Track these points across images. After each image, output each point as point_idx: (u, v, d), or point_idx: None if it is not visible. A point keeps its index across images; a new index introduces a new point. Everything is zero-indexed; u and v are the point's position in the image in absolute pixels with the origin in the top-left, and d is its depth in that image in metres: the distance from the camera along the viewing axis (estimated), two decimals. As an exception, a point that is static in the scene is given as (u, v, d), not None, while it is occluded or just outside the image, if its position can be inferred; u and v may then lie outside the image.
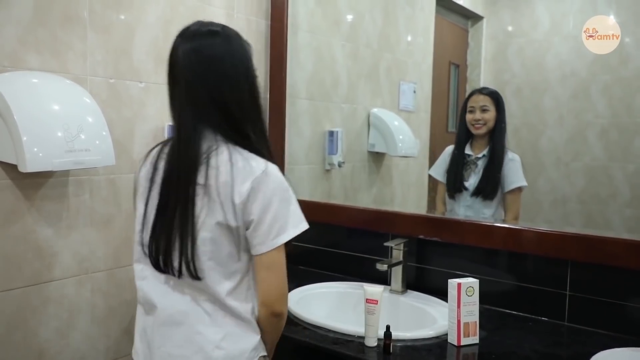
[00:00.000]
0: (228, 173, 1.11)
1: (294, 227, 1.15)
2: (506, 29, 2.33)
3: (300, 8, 2.24)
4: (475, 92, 2.01)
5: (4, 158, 1.40)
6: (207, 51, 1.13)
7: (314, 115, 2.35)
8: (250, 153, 1.14)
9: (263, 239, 1.13)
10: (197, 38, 1.15)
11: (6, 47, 1.42)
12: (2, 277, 1.46)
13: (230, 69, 1.14)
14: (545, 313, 1.60)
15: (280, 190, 1.13)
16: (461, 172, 1.99)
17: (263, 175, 1.12)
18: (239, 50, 1.17)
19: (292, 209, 1.15)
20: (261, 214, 1.12)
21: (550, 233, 1.59)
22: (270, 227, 1.12)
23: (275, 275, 1.16)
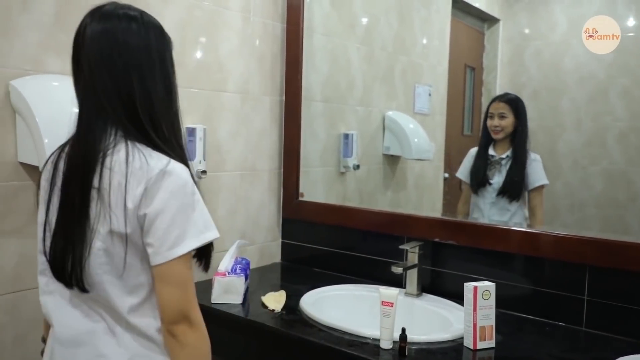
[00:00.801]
0: (122, 174, 0.98)
1: (194, 237, 0.99)
2: (523, 32, 2.31)
3: (315, 11, 2.25)
4: (496, 99, 2.08)
5: (26, 160, 1.43)
6: (120, 35, 1.01)
7: (329, 117, 2.36)
8: (154, 151, 1.01)
9: (157, 249, 0.98)
10: (111, 19, 1.02)
11: (29, 51, 1.45)
12: (23, 276, 1.49)
13: (143, 57, 1.02)
14: (562, 318, 1.59)
15: (181, 194, 0.99)
16: (484, 169, 2.05)
17: (160, 175, 0.98)
18: (156, 39, 1.05)
19: (195, 216, 1.00)
20: (155, 220, 0.98)
21: (568, 237, 1.58)
22: (166, 235, 0.98)
23: (173, 291, 1.00)
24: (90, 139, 1.00)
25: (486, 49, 2.37)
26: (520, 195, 1.98)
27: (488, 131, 2.04)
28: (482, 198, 2.04)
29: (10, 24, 1.42)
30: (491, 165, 2.03)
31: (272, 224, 2.25)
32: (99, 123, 1.01)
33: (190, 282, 1.02)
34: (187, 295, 1.01)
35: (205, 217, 1.02)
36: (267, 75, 2.17)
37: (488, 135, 2.04)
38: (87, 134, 1.01)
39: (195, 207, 1.01)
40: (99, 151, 0.99)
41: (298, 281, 1.95)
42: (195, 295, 1.03)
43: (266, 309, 1.66)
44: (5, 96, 1.42)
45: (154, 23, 1.06)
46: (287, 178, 2.24)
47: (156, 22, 1.07)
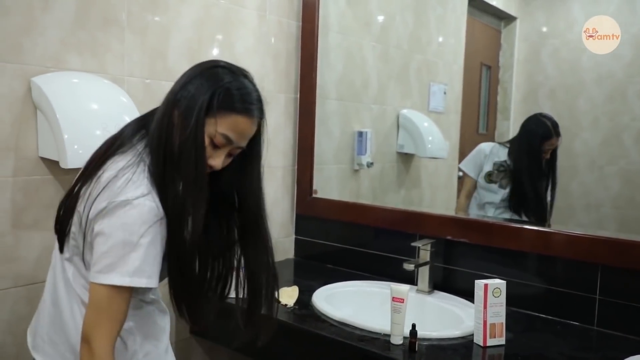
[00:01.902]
0: (103, 183, 1.02)
1: (120, 275, 0.98)
2: (540, 30, 2.29)
3: (331, 9, 2.26)
4: (552, 136, 2.01)
5: (47, 154, 1.47)
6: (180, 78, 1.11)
7: (343, 115, 2.37)
8: (145, 178, 1.02)
9: (92, 266, 1.01)
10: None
11: (49, 48, 1.49)
12: (44, 268, 1.52)
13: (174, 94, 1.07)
14: (574, 317, 1.58)
15: (131, 230, 0.98)
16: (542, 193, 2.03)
17: (124, 202, 0.98)
18: (194, 85, 1.06)
19: (132, 256, 0.98)
20: (98, 240, 1.00)
21: (581, 236, 1.58)
22: (100, 259, 0.99)
23: (89, 311, 1.00)
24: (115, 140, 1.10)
25: (503, 47, 2.36)
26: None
27: (539, 162, 2.01)
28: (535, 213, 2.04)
29: (33, 22, 1.45)
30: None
31: (285, 220, 2.27)
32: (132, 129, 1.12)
33: (107, 312, 0.99)
34: (97, 322, 0.99)
35: (142, 264, 0.99)
36: (282, 72, 2.19)
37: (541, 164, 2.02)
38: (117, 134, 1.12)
39: (136, 249, 0.98)
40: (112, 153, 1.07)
41: (311, 277, 1.97)
42: (109, 328, 0.99)
43: (279, 304, 1.68)
44: (26, 92, 1.46)
45: (215, 74, 1.07)
46: (301, 175, 2.26)
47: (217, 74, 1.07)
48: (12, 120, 1.44)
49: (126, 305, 1.02)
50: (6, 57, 1.41)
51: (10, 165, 1.45)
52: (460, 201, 2.16)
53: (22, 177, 1.47)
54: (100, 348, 0.99)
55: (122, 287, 0.99)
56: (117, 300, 1.00)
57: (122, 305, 1.01)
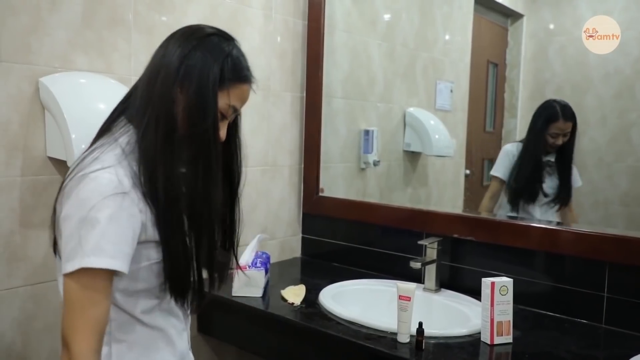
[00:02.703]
0: (70, 169, 0.96)
1: (81, 257, 0.87)
2: (547, 27, 2.29)
3: (337, 8, 2.26)
4: (560, 118, 1.96)
5: (55, 154, 1.48)
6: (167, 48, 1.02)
7: (349, 114, 2.37)
8: (112, 154, 0.95)
9: (62, 256, 0.92)
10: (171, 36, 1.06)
11: (57, 49, 1.50)
12: (52, 267, 1.54)
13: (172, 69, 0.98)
14: (582, 315, 1.58)
15: (88, 206, 0.88)
16: (539, 175, 1.98)
17: (82, 177, 0.90)
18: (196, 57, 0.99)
19: (92, 235, 0.88)
20: (62, 225, 0.92)
21: (588, 234, 1.57)
22: (64, 246, 0.90)
23: (64, 310, 0.90)
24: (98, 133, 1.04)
25: (509, 44, 2.35)
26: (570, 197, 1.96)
27: (544, 144, 1.96)
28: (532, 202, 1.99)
29: (40, 22, 1.46)
30: (543, 170, 1.98)
31: (292, 219, 2.28)
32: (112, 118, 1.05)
33: (79, 306, 0.89)
34: (71, 320, 0.89)
35: (100, 240, 0.88)
36: (288, 71, 2.19)
37: (543, 148, 1.97)
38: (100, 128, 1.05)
39: (94, 225, 0.88)
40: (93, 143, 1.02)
41: (317, 275, 1.98)
42: (85, 327, 0.89)
43: (286, 302, 1.69)
44: (34, 93, 1.47)
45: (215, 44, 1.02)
46: (308, 173, 2.26)
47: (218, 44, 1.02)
48: (20, 121, 1.45)
49: (102, 297, 0.90)
50: (14, 58, 1.42)
51: (19, 165, 1.46)
52: (484, 203, 2.11)
53: (30, 176, 1.48)
54: (79, 353, 0.88)
55: (88, 273, 0.88)
56: (86, 292, 0.88)
57: (94, 297, 0.89)
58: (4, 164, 1.43)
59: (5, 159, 1.43)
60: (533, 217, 1.95)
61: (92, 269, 0.88)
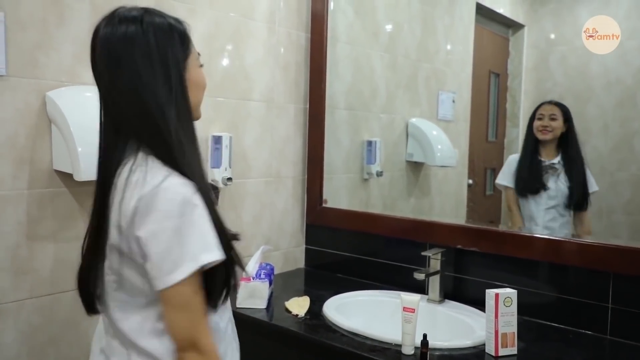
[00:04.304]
0: (121, 190, 0.94)
1: (193, 260, 0.90)
2: (548, 37, 2.30)
3: (339, 20, 2.28)
4: (545, 102, 2.03)
5: (61, 167, 1.50)
6: (119, 43, 0.95)
7: (352, 125, 2.39)
8: (159, 164, 0.94)
9: (156, 274, 0.92)
10: (112, 24, 0.98)
11: (64, 63, 1.52)
12: (58, 279, 1.55)
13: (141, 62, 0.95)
14: (586, 326, 1.58)
15: (176, 213, 0.90)
16: (538, 174, 1.99)
17: (153, 192, 0.90)
18: (157, 40, 0.96)
19: (194, 237, 0.91)
20: (150, 244, 0.91)
21: (592, 244, 1.57)
22: (162, 260, 0.91)
23: (178, 318, 0.94)
24: (108, 160, 0.98)
25: (511, 54, 2.36)
26: (586, 203, 1.94)
27: (534, 134, 1.99)
28: (536, 205, 1.99)
29: (48, 37, 1.49)
30: (543, 171, 1.98)
31: (296, 230, 2.28)
32: (114, 141, 0.98)
33: (197, 307, 0.94)
34: (193, 321, 0.94)
35: (205, 238, 0.92)
36: (291, 83, 2.21)
37: (534, 138, 1.99)
38: (105, 155, 0.99)
39: (193, 227, 0.91)
40: (114, 171, 0.97)
41: (321, 287, 1.98)
42: (202, 320, 0.95)
43: (290, 314, 1.69)
44: (41, 106, 1.48)
45: (156, 23, 0.98)
46: (311, 184, 2.27)
47: (159, 21, 0.98)
48: (27, 134, 1.46)
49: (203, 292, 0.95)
50: (22, 73, 1.44)
51: (26, 177, 1.47)
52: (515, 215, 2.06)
53: (36, 189, 1.49)
54: (208, 345, 0.95)
55: (196, 274, 0.92)
56: (198, 291, 0.94)
57: (201, 294, 0.95)
58: (11, 177, 1.44)
59: (12, 172, 1.44)
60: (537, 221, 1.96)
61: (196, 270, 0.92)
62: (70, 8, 1.52)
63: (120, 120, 0.97)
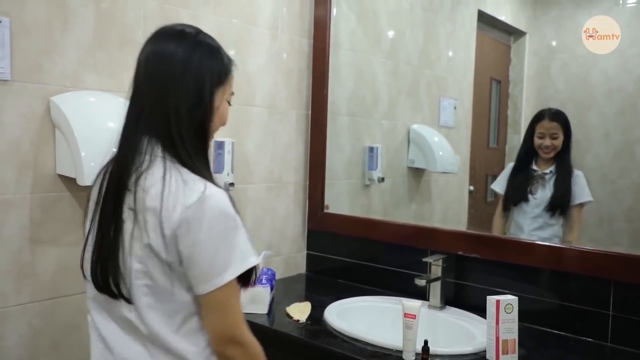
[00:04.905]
0: (157, 197, 0.97)
1: (238, 263, 1.00)
2: (550, 45, 2.31)
3: (341, 27, 2.30)
4: (545, 117, 1.98)
5: (64, 172, 1.50)
6: (164, 54, 1.03)
7: (354, 131, 2.39)
8: (191, 173, 1.00)
9: (203, 279, 0.99)
10: (161, 39, 1.07)
11: (68, 68, 1.53)
12: (60, 283, 1.56)
13: (179, 75, 1.02)
14: (587, 333, 1.57)
15: (222, 221, 0.98)
16: (526, 183, 1.98)
17: (199, 203, 0.97)
18: (201, 58, 1.05)
19: (237, 241, 1.00)
20: (197, 251, 0.97)
21: (593, 252, 1.57)
22: (210, 266, 0.98)
23: (219, 317, 1.02)
24: (126, 157, 1.02)
25: (512, 61, 2.37)
26: (567, 210, 1.93)
27: (533, 148, 1.97)
28: (523, 213, 1.99)
29: (52, 42, 1.50)
30: (533, 180, 1.98)
31: (297, 235, 2.29)
32: (135, 140, 1.03)
33: (236, 304, 1.04)
34: (233, 318, 1.04)
35: (246, 243, 1.02)
36: (293, 89, 2.22)
37: (532, 152, 1.97)
38: (123, 151, 1.03)
39: (237, 233, 1.00)
40: (134, 170, 1.00)
41: (322, 292, 1.98)
42: (242, 316, 1.05)
43: (291, 319, 1.69)
44: (46, 112, 1.49)
45: (207, 42, 1.08)
46: (313, 190, 2.28)
47: (210, 42, 1.09)
48: (31, 139, 1.47)
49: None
50: (27, 78, 1.45)
51: (29, 182, 1.48)
52: (497, 222, 2.08)
53: (40, 193, 1.50)
54: (247, 337, 1.06)
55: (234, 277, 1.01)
56: (235, 289, 1.03)
57: (238, 292, 1.04)
58: (14, 181, 1.45)
59: (16, 177, 1.45)
60: (524, 229, 1.95)
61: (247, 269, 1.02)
62: (74, 14, 1.54)
63: (144, 121, 1.03)
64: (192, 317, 1.05)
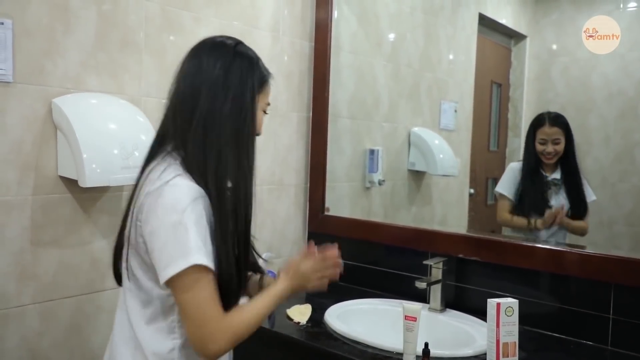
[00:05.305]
0: (141, 184, 1.04)
1: (186, 256, 0.95)
2: (550, 48, 2.31)
3: (343, 30, 2.30)
4: (545, 122, 1.96)
5: (66, 173, 1.51)
6: (203, 63, 1.09)
7: (355, 133, 2.40)
8: (179, 168, 1.02)
9: (158, 267, 0.97)
10: (200, 48, 1.13)
11: (70, 70, 1.53)
12: (61, 285, 1.56)
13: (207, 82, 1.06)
14: (587, 336, 1.58)
15: (177, 210, 0.95)
16: (542, 191, 1.96)
17: (161, 188, 0.97)
18: (240, 69, 1.09)
19: (191, 235, 0.95)
20: (152, 239, 0.97)
21: (593, 255, 1.58)
22: (160, 253, 0.96)
23: (186, 314, 0.97)
24: (150, 154, 1.10)
25: (513, 65, 2.38)
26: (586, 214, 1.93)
27: (536, 155, 1.95)
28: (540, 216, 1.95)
29: (55, 44, 1.50)
30: (547, 187, 1.95)
31: (298, 237, 2.29)
32: (157, 142, 1.10)
33: (197, 303, 0.97)
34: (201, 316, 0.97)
35: (197, 240, 0.96)
36: (294, 92, 2.22)
37: (537, 158, 1.95)
38: (151, 149, 1.11)
39: (189, 227, 0.95)
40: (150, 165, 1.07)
41: (323, 294, 1.96)
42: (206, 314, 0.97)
43: (291, 322, 1.69)
44: (47, 113, 1.50)
45: (246, 53, 1.13)
46: (313, 192, 2.28)
47: (249, 53, 1.14)
48: (33, 141, 1.48)
49: (212, 288, 0.98)
50: (29, 79, 1.46)
51: (31, 183, 1.48)
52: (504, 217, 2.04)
53: (41, 195, 1.50)
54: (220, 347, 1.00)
55: (195, 270, 0.95)
56: (199, 284, 0.96)
57: (208, 288, 0.97)
58: (16, 183, 1.45)
59: (17, 178, 1.45)
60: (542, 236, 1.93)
61: (198, 266, 0.95)
62: (76, 16, 1.54)
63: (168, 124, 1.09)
64: (163, 316, 1.03)
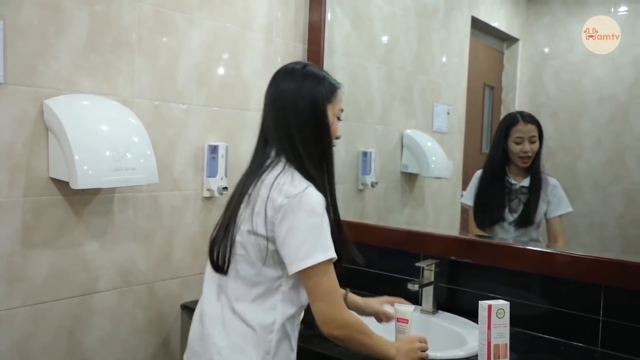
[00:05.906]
0: (268, 187, 1.23)
1: (322, 251, 1.19)
2: (542, 51, 2.33)
3: (336, 32, 2.30)
4: (520, 120, 1.90)
5: (57, 175, 1.50)
6: (281, 86, 1.31)
7: (348, 135, 2.39)
8: (301, 176, 1.24)
9: (290, 260, 1.20)
10: (279, 74, 1.34)
11: (62, 71, 1.53)
12: (52, 287, 1.55)
13: (294, 102, 1.27)
14: (578, 338, 1.58)
15: (311, 216, 1.19)
16: (502, 199, 1.89)
17: (298, 196, 1.19)
18: (310, 87, 1.29)
19: (322, 236, 1.20)
20: (289, 235, 1.19)
21: (584, 257, 1.58)
22: (297, 250, 1.19)
23: (316, 299, 1.22)
24: (255, 162, 1.31)
25: (505, 68, 2.39)
26: (535, 222, 1.86)
27: (507, 155, 1.89)
28: (504, 231, 1.91)
29: (47, 46, 1.49)
30: (512, 195, 1.89)
31: (291, 239, 2.28)
32: (263, 150, 1.31)
33: (329, 289, 1.21)
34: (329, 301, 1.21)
35: (329, 239, 1.21)
36: (288, 94, 2.22)
37: (506, 159, 1.89)
38: (255, 159, 1.32)
39: (322, 229, 1.20)
40: (259, 169, 1.28)
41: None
42: (338, 299, 1.23)
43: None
44: (39, 115, 1.49)
45: (312, 73, 1.31)
46: (306, 194, 2.27)
47: (316, 72, 1.32)
48: (24, 142, 1.47)
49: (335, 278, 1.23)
50: (20, 80, 1.45)
51: (21, 185, 1.47)
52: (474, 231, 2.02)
53: (32, 197, 1.49)
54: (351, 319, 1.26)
55: (328, 263, 1.20)
56: (326, 274, 1.20)
57: (334, 278, 1.22)
58: (7, 184, 1.44)
59: (8, 180, 1.45)
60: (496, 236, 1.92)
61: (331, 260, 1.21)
62: (69, 17, 1.53)
63: (269, 138, 1.31)
64: (273, 294, 1.24)
